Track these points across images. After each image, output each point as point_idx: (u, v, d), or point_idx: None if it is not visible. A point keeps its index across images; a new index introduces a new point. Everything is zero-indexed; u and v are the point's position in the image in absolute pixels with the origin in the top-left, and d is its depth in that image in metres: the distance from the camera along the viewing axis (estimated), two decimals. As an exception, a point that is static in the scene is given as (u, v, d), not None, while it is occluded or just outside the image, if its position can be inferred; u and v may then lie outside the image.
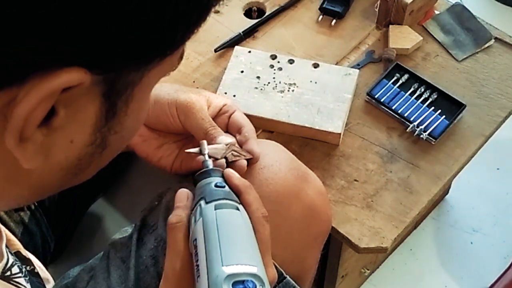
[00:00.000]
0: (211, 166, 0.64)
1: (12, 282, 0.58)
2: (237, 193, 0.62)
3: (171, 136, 0.77)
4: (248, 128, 0.74)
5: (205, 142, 0.67)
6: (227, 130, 0.75)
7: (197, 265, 0.54)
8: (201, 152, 0.66)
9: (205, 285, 0.52)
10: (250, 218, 0.59)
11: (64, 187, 0.49)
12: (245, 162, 0.70)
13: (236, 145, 0.71)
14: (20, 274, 0.58)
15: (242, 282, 0.51)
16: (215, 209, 0.57)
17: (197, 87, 0.96)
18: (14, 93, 0.37)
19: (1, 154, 0.41)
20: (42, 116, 0.39)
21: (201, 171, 0.64)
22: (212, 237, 0.55)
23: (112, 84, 0.41)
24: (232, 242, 0.55)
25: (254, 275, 0.52)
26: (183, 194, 0.63)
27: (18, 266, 0.59)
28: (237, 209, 0.59)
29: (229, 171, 0.64)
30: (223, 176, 0.63)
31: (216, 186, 0.61)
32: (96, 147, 0.45)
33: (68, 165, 0.45)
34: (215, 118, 0.75)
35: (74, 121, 0.42)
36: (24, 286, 0.56)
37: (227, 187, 0.61)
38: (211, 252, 0.53)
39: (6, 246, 0.60)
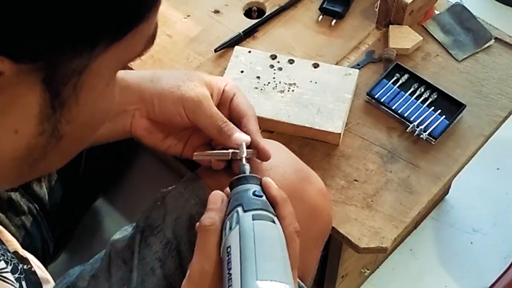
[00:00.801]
0: (248, 172, 0.63)
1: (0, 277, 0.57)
2: (274, 204, 0.61)
3: (177, 127, 0.76)
4: (249, 118, 0.72)
5: (243, 144, 0.67)
6: (230, 118, 0.73)
7: (230, 274, 0.54)
8: (233, 154, 0.66)
9: None
10: (283, 231, 0.59)
11: (26, 177, 0.49)
12: (253, 165, 0.69)
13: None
14: (7, 270, 0.58)
15: None
16: (253, 220, 0.57)
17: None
18: None
19: None
20: None
21: (239, 176, 0.63)
22: (248, 248, 0.54)
23: (50, 71, 0.40)
24: (267, 256, 0.54)
25: None
26: (217, 197, 0.62)
27: (11, 262, 0.59)
28: (273, 221, 0.58)
29: (268, 181, 0.62)
30: (260, 184, 0.62)
31: (254, 194, 0.60)
32: (48, 137, 0.44)
33: (18, 155, 0.44)
34: (218, 106, 0.73)
35: (13, 111, 0.41)
36: (11, 281, 0.56)
37: (264, 197, 0.60)
38: (246, 264, 0.53)
39: (2, 243, 0.59)
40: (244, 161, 0.65)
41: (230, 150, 0.69)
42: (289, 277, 0.54)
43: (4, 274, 0.56)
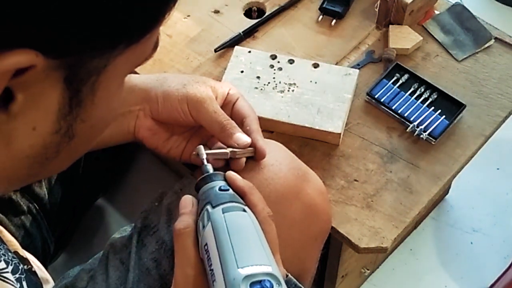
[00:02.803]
0: (211, 171, 0.64)
1: (0, 277, 0.57)
2: (241, 194, 0.62)
3: (180, 127, 0.77)
4: (251, 119, 0.74)
5: (201, 147, 0.68)
6: (231, 118, 0.74)
7: (211, 270, 0.55)
8: (198, 157, 0.67)
9: None
10: (257, 218, 0.60)
11: (33, 177, 0.49)
12: (244, 160, 0.70)
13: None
14: (7, 270, 0.58)
15: (259, 282, 0.51)
16: (223, 213, 0.57)
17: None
18: None
19: None
20: None
21: (202, 176, 0.64)
22: (224, 241, 0.55)
23: (73, 69, 0.41)
24: (244, 244, 0.55)
25: (270, 275, 0.52)
26: (187, 201, 0.63)
27: (12, 262, 0.59)
28: (244, 210, 0.59)
29: (231, 174, 0.64)
30: (225, 179, 0.63)
31: (220, 189, 0.61)
32: (62, 136, 0.45)
33: (33, 154, 0.45)
34: (221, 107, 0.74)
35: (35, 107, 0.42)
36: (12, 281, 0.56)
37: (231, 190, 0.61)
38: (225, 256, 0.54)
39: (3, 243, 0.59)
40: (205, 161, 0.66)
41: (229, 149, 0.69)
42: (270, 260, 0.54)
43: (4, 274, 0.56)
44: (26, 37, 0.37)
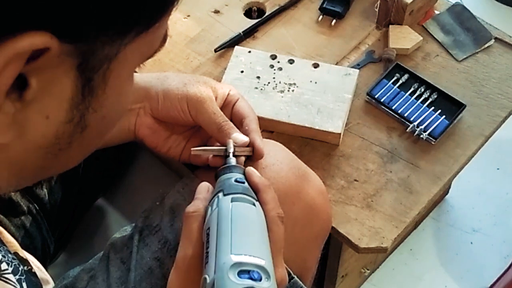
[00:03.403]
0: (234, 163, 0.66)
1: (2, 278, 0.58)
2: (256, 191, 0.62)
3: (180, 127, 0.77)
4: (250, 119, 0.74)
5: (231, 141, 0.69)
6: (231, 120, 0.75)
7: (207, 252, 0.55)
8: (225, 152, 0.68)
9: (212, 271, 0.52)
10: (265, 216, 0.60)
11: (47, 171, 0.49)
12: (243, 159, 0.71)
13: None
14: (9, 271, 0.58)
15: (248, 272, 0.51)
16: (232, 201, 0.58)
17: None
18: None
19: None
20: (9, 83, 0.39)
21: (223, 166, 0.65)
22: (224, 226, 0.55)
23: (85, 57, 0.41)
24: (243, 233, 0.55)
25: (261, 267, 0.52)
26: (203, 187, 0.64)
27: (12, 264, 0.59)
28: (253, 205, 0.59)
29: (251, 169, 0.64)
30: (244, 174, 0.64)
31: (236, 181, 0.62)
32: (75, 125, 0.45)
33: (46, 144, 0.45)
34: (221, 108, 0.75)
35: (48, 95, 0.42)
36: (13, 283, 0.56)
37: (246, 184, 0.62)
38: (222, 240, 0.54)
39: (3, 244, 0.59)
40: (231, 155, 0.67)
41: (226, 147, 0.70)
42: (266, 254, 0.54)
43: (6, 276, 0.56)
44: (41, 19, 0.37)
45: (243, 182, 0.62)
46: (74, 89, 0.43)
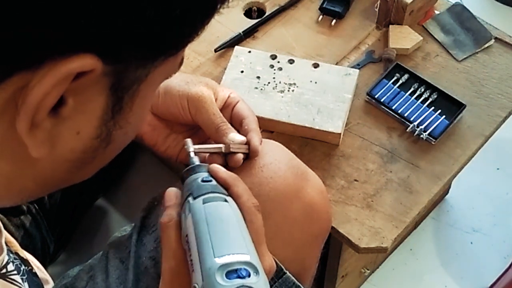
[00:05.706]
0: (197, 162, 0.64)
1: (8, 280, 0.58)
2: (226, 186, 0.61)
3: (179, 126, 0.77)
4: (250, 120, 0.74)
5: (189, 140, 0.67)
6: (231, 121, 0.75)
7: (191, 260, 0.55)
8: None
9: (199, 279, 0.52)
10: (241, 209, 0.59)
11: (67, 182, 0.50)
12: (240, 156, 0.70)
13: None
14: (15, 272, 0.58)
15: (235, 271, 0.51)
16: (203, 203, 0.57)
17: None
18: (28, 78, 0.38)
19: (10, 142, 0.41)
20: (54, 102, 0.39)
21: (187, 168, 0.64)
22: (202, 231, 0.55)
23: (120, 77, 0.42)
24: (222, 233, 0.55)
25: (247, 263, 0.52)
26: (171, 194, 0.63)
27: (14, 264, 0.59)
28: (226, 201, 0.59)
29: (214, 166, 0.63)
30: (209, 172, 0.63)
31: (202, 181, 0.61)
32: (101, 141, 0.46)
33: (73, 158, 0.45)
34: (221, 109, 0.75)
35: (81, 112, 0.42)
36: (20, 283, 0.56)
37: (214, 181, 0.61)
38: (202, 245, 0.54)
39: (6, 244, 0.60)
40: (191, 154, 0.66)
41: (222, 144, 0.70)
42: (249, 249, 0.54)
43: (12, 277, 0.56)
44: (91, 41, 0.38)
45: (210, 180, 0.61)
46: (106, 107, 0.43)
